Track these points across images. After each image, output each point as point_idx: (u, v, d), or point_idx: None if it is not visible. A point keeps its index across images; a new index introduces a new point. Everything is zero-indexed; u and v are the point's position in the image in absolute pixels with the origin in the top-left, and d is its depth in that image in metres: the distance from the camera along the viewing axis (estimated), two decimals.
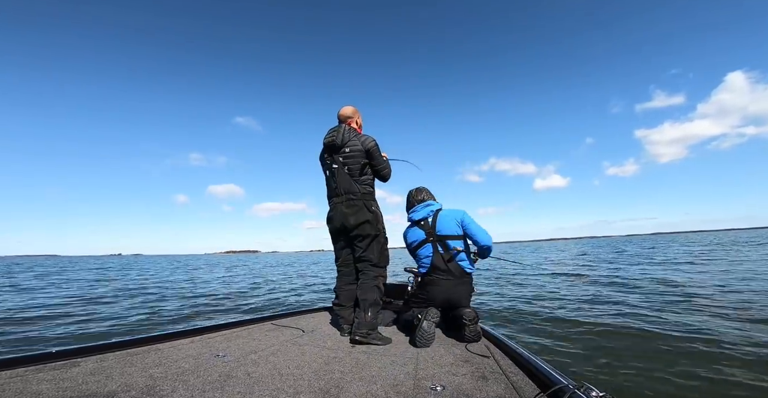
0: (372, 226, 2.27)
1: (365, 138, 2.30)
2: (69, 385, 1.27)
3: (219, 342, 2.03)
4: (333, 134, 2.31)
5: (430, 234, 2.37)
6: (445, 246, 2.33)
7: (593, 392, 1.04)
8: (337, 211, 2.30)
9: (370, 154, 2.29)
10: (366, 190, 2.32)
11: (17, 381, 1.30)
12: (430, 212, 2.43)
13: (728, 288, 5.84)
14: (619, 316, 4.24)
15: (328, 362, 1.66)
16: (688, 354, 2.85)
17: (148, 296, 7.78)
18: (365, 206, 2.27)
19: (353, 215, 2.24)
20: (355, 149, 2.25)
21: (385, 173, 2.40)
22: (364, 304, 2.14)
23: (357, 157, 2.26)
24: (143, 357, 1.67)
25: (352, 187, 2.27)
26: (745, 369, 2.51)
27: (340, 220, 2.28)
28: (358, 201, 2.27)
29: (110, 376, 1.39)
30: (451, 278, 2.28)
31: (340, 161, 2.27)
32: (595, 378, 2.48)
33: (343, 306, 2.35)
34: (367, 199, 2.31)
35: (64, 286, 10.12)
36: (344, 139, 2.26)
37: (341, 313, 2.34)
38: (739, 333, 3.29)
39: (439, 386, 1.33)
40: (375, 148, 2.30)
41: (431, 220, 2.40)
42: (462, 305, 2.24)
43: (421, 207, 2.47)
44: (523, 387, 1.31)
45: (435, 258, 2.33)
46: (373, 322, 2.09)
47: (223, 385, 1.33)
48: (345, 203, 2.28)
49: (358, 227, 2.25)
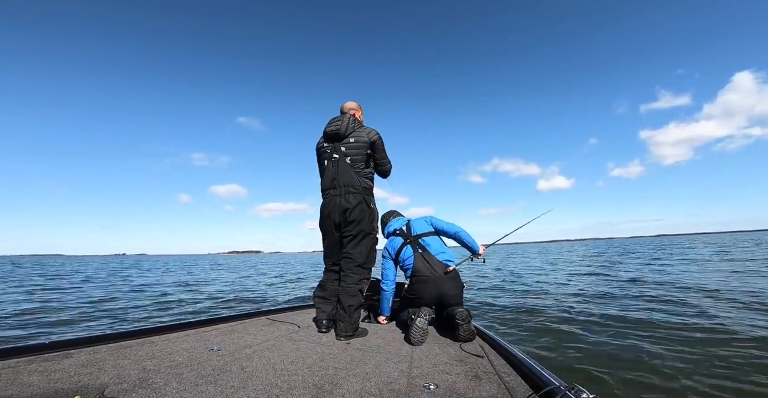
0: (367, 224, 2.20)
1: (370, 130, 2.22)
2: (60, 377, 1.27)
3: (214, 335, 2.03)
4: (337, 123, 2.19)
5: (407, 236, 2.57)
6: (422, 245, 2.49)
7: (584, 394, 1.03)
8: (335, 203, 2.17)
9: (374, 147, 2.21)
10: (366, 185, 2.22)
11: (8, 372, 1.30)
12: (402, 222, 2.72)
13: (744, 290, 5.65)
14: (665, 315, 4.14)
15: (323, 358, 1.65)
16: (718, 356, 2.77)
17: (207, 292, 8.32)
18: (365, 201, 2.18)
19: (352, 208, 2.14)
20: (360, 140, 2.17)
21: (387, 168, 2.35)
22: (349, 309, 2.08)
23: (361, 147, 2.17)
24: (137, 350, 1.66)
25: (352, 180, 2.15)
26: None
27: (338, 212, 2.16)
28: (358, 195, 2.16)
29: (102, 368, 1.39)
30: (437, 273, 2.33)
31: (342, 151, 2.15)
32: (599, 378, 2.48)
33: (327, 300, 2.28)
34: (367, 193, 2.22)
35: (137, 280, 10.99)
36: (349, 129, 2.16)
37: (323, 307, 2.27)
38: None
39: (433, 384, 1.32)
40: (380, 141, 2.23)
41: (405, 228, 2.65)
42: (454, 303, 2.26)
43: (395, 221, 2.78)
44: (515, 388, 1.29)
45: (416, 258, 2.44)
46: (356, 325, 2.12)
47: (217, 379, 1.33)
48: (343, 196, 2.15)
49: (354, 222, 2.15)
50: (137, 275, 15.00)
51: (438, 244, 2.50)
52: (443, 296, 2.29)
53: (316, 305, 2.31)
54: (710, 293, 5.57)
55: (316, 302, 2.32)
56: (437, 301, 2.31)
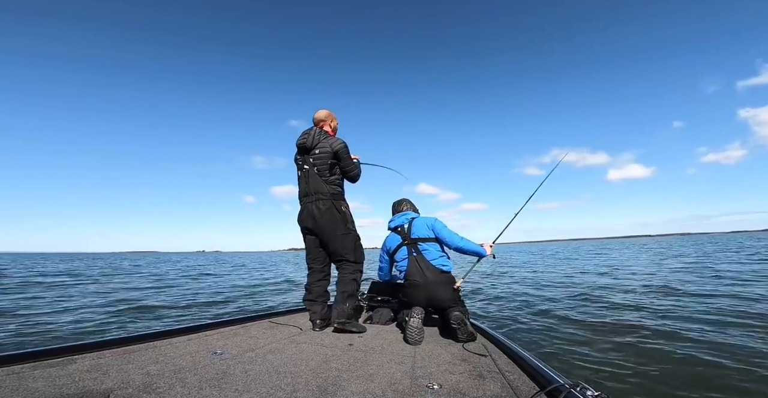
0: (341, 226, 2.42)
1: (334, 140, 2.44)
2: (65, 382, 1.27)
3: (216, 339, 2.03)
4: (304, 136, 2.46)
5: (405, 238, 2.55)
6: (418, 249, 2.48)
7: (589, 391, 1.04)
8: (307, 210, 2.45)
9: (338, 156, 2.42)
10: (335, 190, 2.45)
11: (13, 378, 1.29)
12: (405, 220, 2.64)
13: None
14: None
15: (326, 360, 1.66)
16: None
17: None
18: (334, 206, 2.42)
19: (321, 215, 2.38)
20: (324, 151, 2.40)
21: (352, 174, 2.56)
22: (342, 296, 2.30)
23: (325, 158, 2.40)
24: (140, 355, 1.66)
25: (321, 187, 2.40)
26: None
27: (310, 219, 2.43)
28: (326, 201, 2.41)
29: (107, 373, 1.39)
30: (428, 278, 2.33)
31: (311, 162, 2.42)
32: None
33: (314, 301, 2.46)
34: (336, 198, 2.45)
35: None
36: (314, 141, 2.42)
37: (312, 308, 2.44)
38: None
39: (436, 384, 1.33)
40: (343, 150, 2.44)
41: (407, 227, 2.60)
42: (448, 305, 2.27)
43: (398, 217, 2.71)
44: (519, 386, 1.30)
45: (409, 261, 2.45)
46: (350, 312, 2.27)
47: (221, 383, 1.33)
48: (314, 203, 2.41)
49: (326, 227, 2.40)
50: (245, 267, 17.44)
51: (435, 250, 2.47)
52: (434, 300, 2.31)
53: (306, 307, 2.50)
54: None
55: (306, 305, 2.51)
56: (428, 305, 2.34)
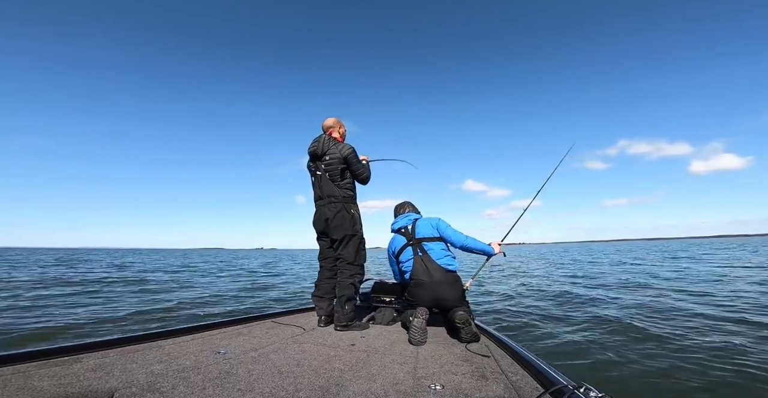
0: (349, 228, 2.54)
1: (342, 146, 2.57)
2: (70, 381, 1.28)
3: (220, 339, 2.05)
4: (315, 144, 2.59)
5: (410, 238, 2.57)
6: (423, 249, 2.48)
7: (592, 392, 1.04)
8: (320, 213, 2.60)
9: (347, 161, 2.56)
10: (346, 194, 2.59)
11: (19, 377, 1.31)
12: (409, 221, 2.67)
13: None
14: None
15: (329, 360, 1.66)
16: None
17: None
18: (345, 209, 2.55)
19: (333, 217, 2.51)
20: (334, 157, 2.53)
21: (363, 177, 2.69)
22: (341, 300, 2.42)
23: (336, 163, 2.53)
24: (144, 354, 1.68)
25: (333, 191, 2.55)
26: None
27: (322, 222, 2.57)
28: (338, 204, 2.54)
29: (111, 373, 1.40)
30: (434, 278, 2.32)
31: (322, 168, 2.56)
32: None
33: (321, 297, 2.60)
34: (347, 202, 2.59)
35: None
36: (324, 148, 2.55)
37: (319, 304, 2.59)
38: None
39: (439, 385, 1.33)
40: (352, 155, 2.57)
41: (410, 227, 2.62)
42: (454, 305, 2.26)
43: (401, 218, 2.73)
44: (522, 387, 1.30)
45: (415, 261, 2.45)
46: (350, 315, 2.41)
47: (224, 382, 1.34)
48: (327, 206, 2.55)
49: (337, 227, 2.52)
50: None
51: (440, 249, 2.48)
52: (440, 300, 2.30)
53: (314, 303, 2.65)
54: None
55: (314, 301, 2.65)
56: (434, 305, 2.33)
